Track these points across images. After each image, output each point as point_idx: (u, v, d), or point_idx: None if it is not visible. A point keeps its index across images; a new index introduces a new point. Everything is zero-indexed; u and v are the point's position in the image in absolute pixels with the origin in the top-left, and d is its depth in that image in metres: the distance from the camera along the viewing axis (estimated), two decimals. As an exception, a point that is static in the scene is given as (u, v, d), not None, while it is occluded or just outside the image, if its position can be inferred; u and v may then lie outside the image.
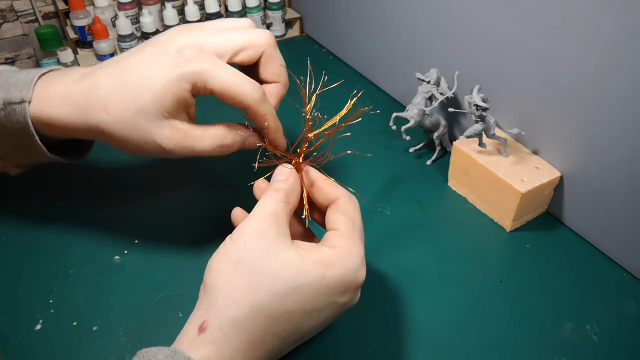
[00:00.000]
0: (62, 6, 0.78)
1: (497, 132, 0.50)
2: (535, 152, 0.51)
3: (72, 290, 0.43)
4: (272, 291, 0.31)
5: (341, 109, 0.37)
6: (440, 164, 0.58)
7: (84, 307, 0.42)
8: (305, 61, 0.39)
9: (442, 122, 0.56)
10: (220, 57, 0.38)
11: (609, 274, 0.46)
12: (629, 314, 0.42)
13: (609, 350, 0.40)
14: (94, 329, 0.40)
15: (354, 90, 0.40)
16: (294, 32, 0.87)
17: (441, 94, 0.54)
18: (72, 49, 0.78)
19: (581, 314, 0.42)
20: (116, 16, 0.77)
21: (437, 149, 0.58)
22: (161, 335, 0.39)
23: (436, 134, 0.56)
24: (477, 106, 0.47)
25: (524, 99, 0.50)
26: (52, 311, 0.42)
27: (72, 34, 0.78)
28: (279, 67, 0.42)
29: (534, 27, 0.46)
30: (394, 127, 0.54)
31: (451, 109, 0.51)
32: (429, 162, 0.58)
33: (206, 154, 0.39)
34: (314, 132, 0.37)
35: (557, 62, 0.45)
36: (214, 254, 0.33)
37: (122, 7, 0.77)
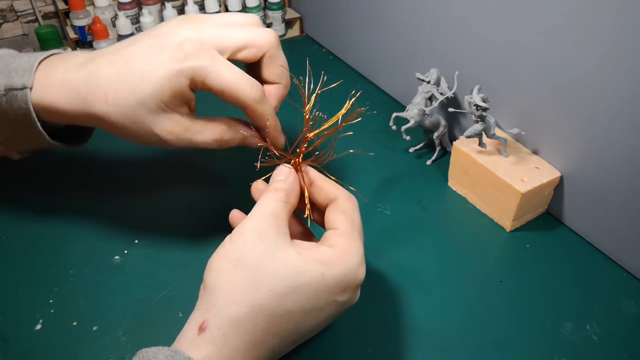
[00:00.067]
0: (62, 6, 0.78)
1: (497, 132, 0.50)
2: (535, 152, 0.51)
3: (72, 290, 0.43)
4: (272, 291, 0.31)
5: (341, 108, 0.37)
6: (440, 164, 0.58)
7: (84, 307, 0.42)
8: (305, 61, 0.39)
9: (442, 122, 0.56)
10: (221, 53, 0.38)
11: (609, 274, 0.46)
12: (629, 314, 0.42)
13: (609, 350, 0.40)
14: (94, 329, 0.40)
15: (354, 90, 0.40)
16: (294, 32, 0.87)
17: (441, 94, 0.54)
18: (72, 49, 0.78)
19: (581, 314, 0.42)
20: (116, 16, 0.77)
21: (437, 149, 0.58)
22: (161, 335, 0.39)
23: (436, 134, 0.56)
24: (477, 106, 0.47)
25: (524, 99, 0.49)
26: (52, 311, 0.42)
27: (72, 34, 0.78)
28: (280, 68, 0.41)
29: (534, 27, 0.46)
30: (394, 127, 0.54)
31: (451, 109, 0.51)
32: (429, 162, 0.58)
33: (205, 147, 0.40)
34: (314, 132, 0.37)
35: (557, 62, 0.45)
36: (213, 254, 0.33)
37: (122, 7, 0.77)
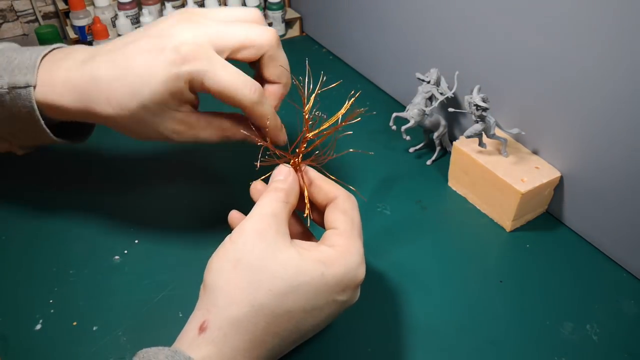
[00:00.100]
0: (62, 6, 0.78)
1: (497, 132, 0.50)
2: (535, 152, 0.51)
3: (72, 290, 0.43)
4: (272, 290, 0.31)
5: (341, 109, 0.37)
6: (440, 164, 0.58)
7: (84, 307, 0.42)
8: (305, 61, 0.39)
9: (442, 122, 0.56)
10: (219, 53, 0.38)
11: (609, 274, 0.46)
12: (629, 314, 0.42)
13: (609, 350, 0.40)
14: (94, 329, 0.40)
15: (354, 90, 0.40)
16: (294, 32, 0.87)
17: (441, 94, 0.54)
18: (72, 49, 0.78)
19: (581, 314, 0.42)
20: (116, 16, 0.77)
21: (437, 149, 0.58)
22: (161, 335, 0.39)
23: (436, 134, 0.56)
24: (477, 106, 0.47)
25: (524, 99, 0.50)
26: (52, 311, 0.42)
27: (72, 34, 0.78)
28: (280, 69, 0.41)
29: (534, 27, 0.46)
30: (394, 127, 0.54)
31: (451, 109, 0.51)
32: (429, 162, 0.58)
33: (210, 142, 0.42)
34: (313, 132, 0.37)
35: (557, 62, 0.45)
36: (213, 254, 0.33)
37: (122, 7, 0.77)
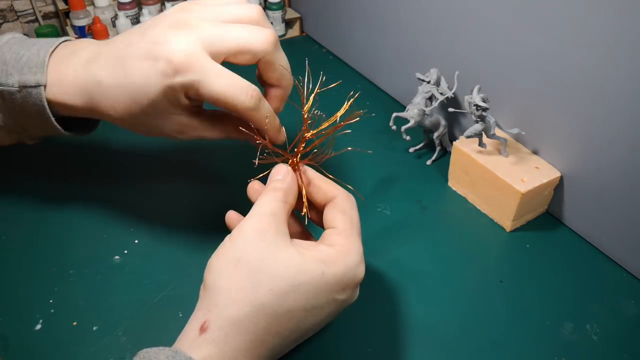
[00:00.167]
0: (62, 6, 0.78)
1: (497, 132, 0.50)
2: (535, 152, 0.51)
3: (72, 290, 0.43)
4: (273, 290, 0.31)
5: (340, 109, 0.37)
6: (440, 164, 0.58)
7: (84, 307, 0.42)
8: (305, 61, 0.39)
9: (442, 122, 0.56)
10: (215, 58, 0.37)
11: (609, 274, 0.46)
12: (629, 314, 0.42)
13: (609, 350, 0.40)
14: (94, 329, 0.40)
15: (354, 90, 0.40)
16: (294, 32, 0.87)
17: (441, 94, 0.54)
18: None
19: (581, 314, 0.42)
20: (116, 16, 0.77)
21: (437, 149, 0.58)
22: (161, 335, 0.39)
23: (436, 134, 0.56)
24: (477, 106, 0.47)
25: (524, 99, 0.50)
26: (52, 311, 0.42)
27: (72, 34, 0.78)
28: (278, 72, 0.40)
29: (534, 27, 0.46)
30: (394, 127, 0.54)
31: (451, 109, 0.51)
32: (429, 162, 0.58)
33: (214, 140, 0.43)
34: (312, 132, 0.37)
35: (557, 62, 0.45)
36: (213, 254, 0.33)
37: (122, 7, 0.77)
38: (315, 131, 0.37)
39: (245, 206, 0.37)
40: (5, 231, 0.48)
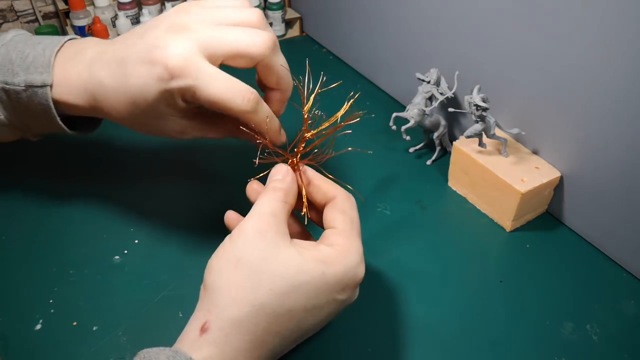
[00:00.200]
0: (62, 6, 0.78)
1: (497, 132, 0.50)
2: (535, 152, 0.51)
3: (72, 290, 0.43)
4: (273, 290, 0.31)
5: (341, 109, 0.37)
6: (440, 164, 0.58)
7: (84, 307, 0.42)
8: (305, 61, 0.39)
9: (442, 122, 0.56)
10: (211, 61, 0.37)
11: (609, 274, 0.46)
12: (629, 314, 0.42)
13: (608, 350, 0.40)
14: (94, 329, 0.40)
15: (354, 90, 0.40)
16: (294, 32, 0.87)
17: (441, 94, 0.54)
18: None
19: (581, 314, 0.42)
20: (116, 16, 0.77)
21: (437, 149, 0.58)
22: (161, 335, 0.40)
23: (436, 134, 0.56)
24: (477, 106, 0.47)
25: (524, 99, 0.50)
26: (52, 311, 0.42)
27: (72, 34, 0.78)
28: (277, 75, 0.40)
29: (534, 27, 0.46)
30: (394, 127, 0.54)
31: (451, 109, 0.51)
32: (429, 162, 0.58)
33: (216, 139, 0.44)
34: (312, 132, 0.37)
35: (557, 62, 0.45)
36: (213, 254, 0.33)
37: (122, 7, 0.77)
38: (315, 131, 0.37)
39: (245, 206, 0.37)
40: (5, 231, 0.48)
